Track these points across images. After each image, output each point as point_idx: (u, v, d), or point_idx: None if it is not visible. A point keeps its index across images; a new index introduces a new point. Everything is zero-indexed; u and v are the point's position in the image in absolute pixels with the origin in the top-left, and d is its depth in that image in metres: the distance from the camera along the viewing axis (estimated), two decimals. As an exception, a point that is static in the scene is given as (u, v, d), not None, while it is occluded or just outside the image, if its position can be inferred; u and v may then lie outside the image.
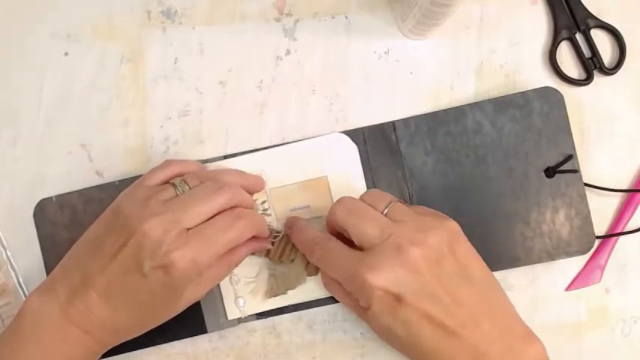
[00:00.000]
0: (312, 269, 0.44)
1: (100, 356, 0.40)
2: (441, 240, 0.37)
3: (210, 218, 0.38)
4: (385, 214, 0.39)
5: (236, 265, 0.42)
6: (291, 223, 0.44)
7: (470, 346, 0.36)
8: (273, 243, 0.44)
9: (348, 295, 0.40)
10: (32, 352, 0.36)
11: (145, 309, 0.38)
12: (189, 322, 0.44)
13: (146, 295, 0.37)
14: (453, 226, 0.39)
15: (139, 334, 0.40)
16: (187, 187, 0.39)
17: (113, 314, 0.37)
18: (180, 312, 0.40)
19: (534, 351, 0.37)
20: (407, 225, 0.38)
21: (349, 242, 0.39)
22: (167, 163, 0.41)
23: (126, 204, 0.38)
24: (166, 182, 0.40)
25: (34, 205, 0.45)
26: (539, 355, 0.37)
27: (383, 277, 0.36)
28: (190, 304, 0.40)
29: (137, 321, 0.39)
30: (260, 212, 0.45)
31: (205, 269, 0.38)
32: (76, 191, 0.45)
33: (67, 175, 0.46)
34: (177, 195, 0.38)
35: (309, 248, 0.41)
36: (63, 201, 0.45)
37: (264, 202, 0.45)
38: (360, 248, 0.38)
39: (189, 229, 0.37)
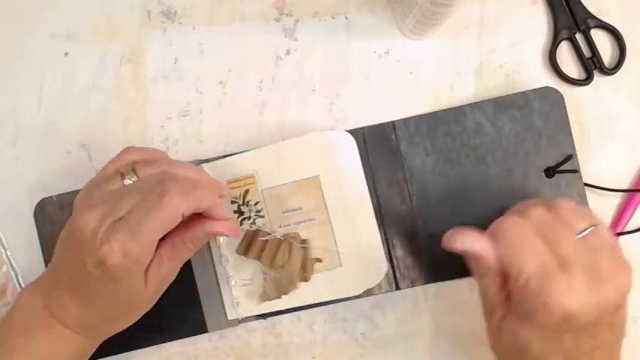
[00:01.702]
0: (304, 276, 0.43)
1: (92, 351, 0.40)
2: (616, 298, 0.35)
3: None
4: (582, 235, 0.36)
5: (189, 255, 0.38)
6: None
7: None
8: (265, 244, 0.43)
9: (496, 283, 0.37)
10: (20, 344, 0.36)
11: (108, 304, 0.37)
12: (190, 322, 0.44)
13: (99, 290, 0.35)
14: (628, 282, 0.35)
15: (121, 330, 0.39)
16: (135, 176, 0.36)
17: (84, 310, 0.36)
18: (152, 305, 0.38)
19: None
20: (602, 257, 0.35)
21: None
22: (125, 151, 0.38)
23: (79, 195, 0.37)
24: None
25: (35, 204, 0.45)
26: None
27: (576, 300, 0.33)
28: (159, 296, 0.38)
29: (109, 317, 0.38)
30: (254, 214, 0.44)
31: (144, 259, 0.35)
32: (76, 191, 0.45)
33: (67, 175, 0.46)
34: (123, 185, 0.36)
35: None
36: (63, 200, 0.45)
37: (257, 203, 0.44)
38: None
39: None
